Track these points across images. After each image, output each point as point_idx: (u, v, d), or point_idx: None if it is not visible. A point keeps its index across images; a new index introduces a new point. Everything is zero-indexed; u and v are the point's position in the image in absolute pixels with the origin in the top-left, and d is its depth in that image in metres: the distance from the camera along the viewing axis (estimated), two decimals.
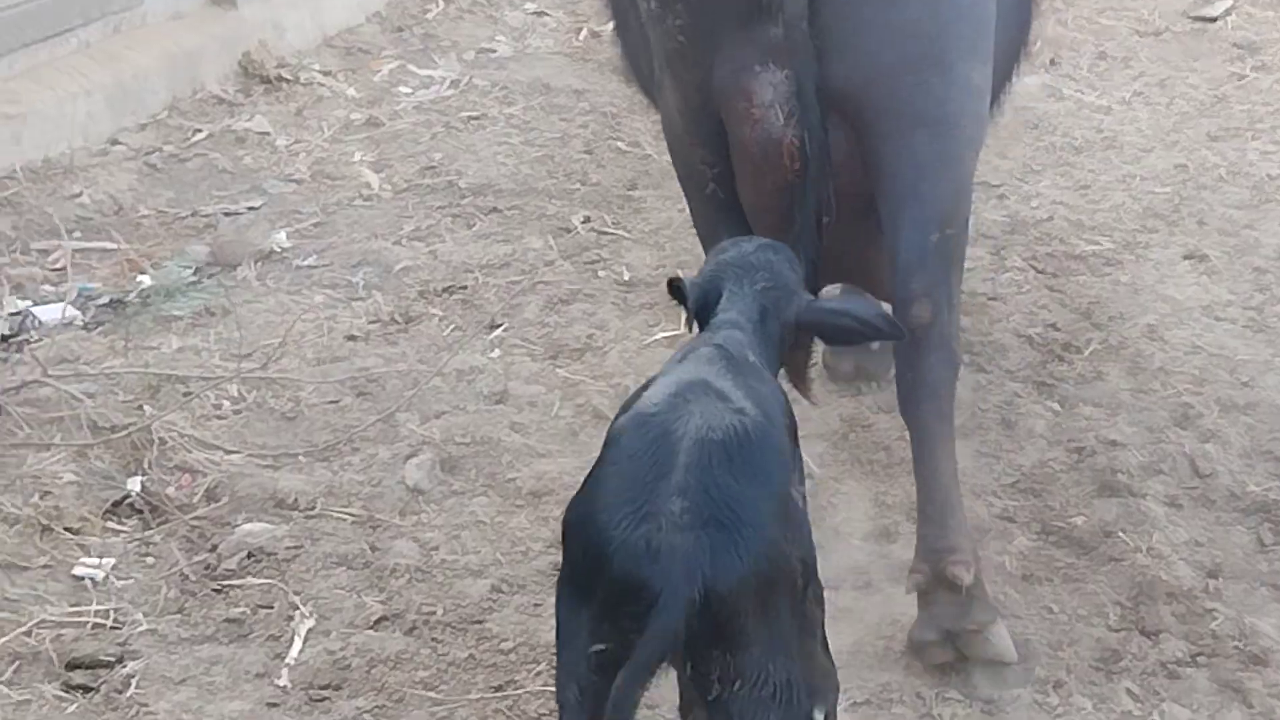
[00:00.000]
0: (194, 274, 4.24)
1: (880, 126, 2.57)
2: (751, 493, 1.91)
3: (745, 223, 2.66)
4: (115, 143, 5.06)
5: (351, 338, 3.96)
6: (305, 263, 4.38)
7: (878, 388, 3.62)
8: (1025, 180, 4.92)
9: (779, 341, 2.31)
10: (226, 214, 4.70)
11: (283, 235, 4.53)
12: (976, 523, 3.04)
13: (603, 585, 1.88)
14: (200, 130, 5.23)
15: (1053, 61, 5.98)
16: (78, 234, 4.52)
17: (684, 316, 2.42)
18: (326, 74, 5.75)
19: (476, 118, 5.42)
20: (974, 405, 3.61)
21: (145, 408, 3.56)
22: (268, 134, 5.25)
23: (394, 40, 6.22)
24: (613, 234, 4.56)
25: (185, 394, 3.62)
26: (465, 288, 4.21)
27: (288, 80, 5.58)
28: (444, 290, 4.21)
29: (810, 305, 2.35)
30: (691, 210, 2.96)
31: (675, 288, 2.27)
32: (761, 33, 2.48)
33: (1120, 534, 3.18)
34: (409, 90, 5.73)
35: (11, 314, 3.95)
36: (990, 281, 4.29)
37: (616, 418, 2.10)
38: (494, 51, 6.18)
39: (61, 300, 4.10)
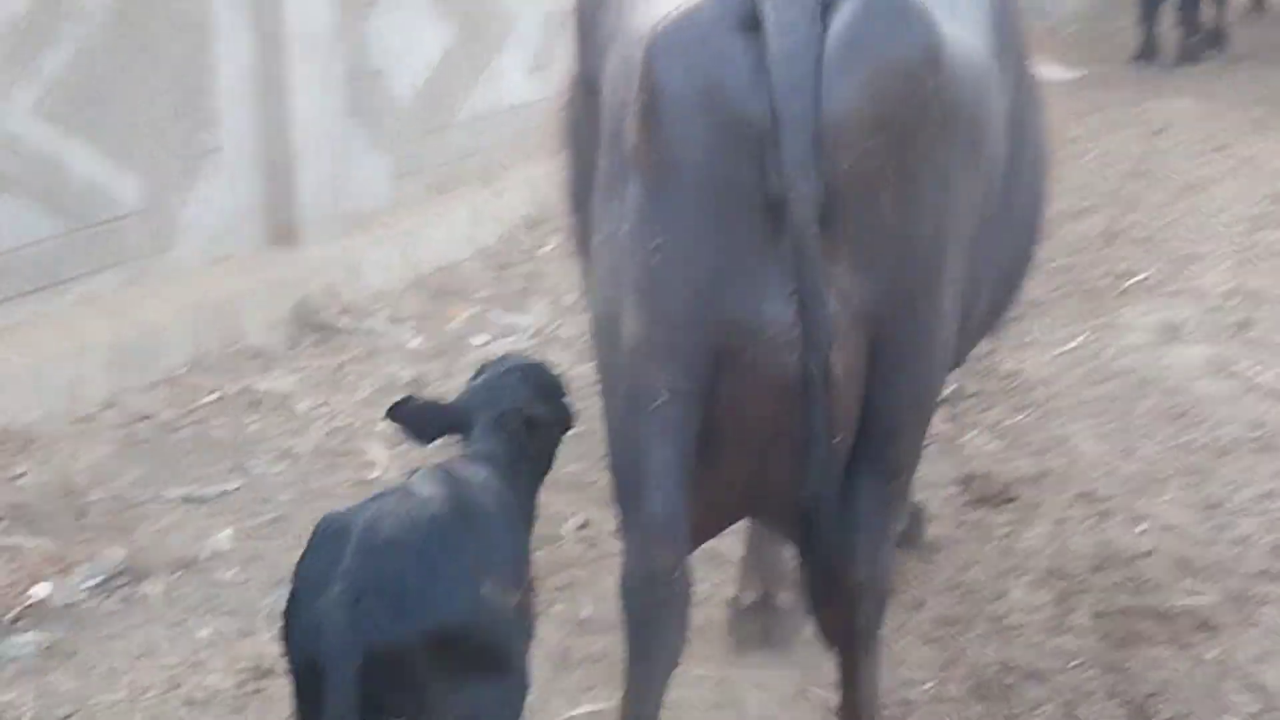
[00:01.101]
0: (99, 585, 3.38)
1: (878, 357, 2.21)
2: (418, 565, 2.04)
3: (682, 443, 2.21)
4: (109, 406, 4.33)
5: (190, 703, 2.96)
6: (226, 576, 3.49)
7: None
8: (1142, 493, 3.87)
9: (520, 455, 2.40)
10: (188, 500, 3.88)
11: (228, 535, 3.66)
12: None
13: (297, 675, 2.07)
14: (215, 392, 4.48)
15: (1242, 326, 4.97)
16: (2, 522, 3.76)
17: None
18: (396, 321, 4.97)
19: None
20: None
21: None
22: (290, 396, 4.48)
23: (493, 280, 5.41)
24: None
25: None
26: None
27: (345, 330, 4.81)
28: None
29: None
30: (611, 420, 2.37)
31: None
32: (767, 247, 2.11)
33: None
34: (482, 341, 4.84)
35: None
36: (1035, 649, 3.17)
37: None
38: None
39: None
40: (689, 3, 2.12)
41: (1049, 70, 9.66)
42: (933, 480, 3.78)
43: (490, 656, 2.12)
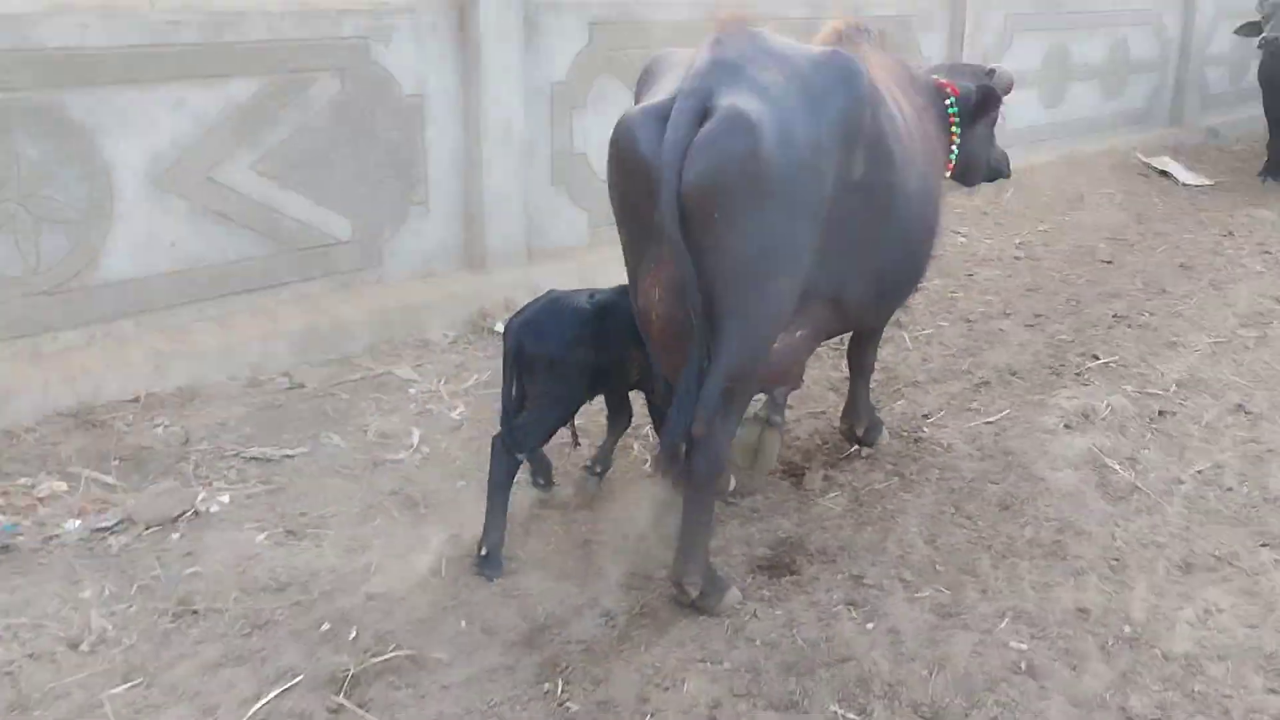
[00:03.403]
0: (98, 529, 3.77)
1: (715, 310, 3.15)
2: (552, 322, 3.81)
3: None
4: (279, 376, 4.99)
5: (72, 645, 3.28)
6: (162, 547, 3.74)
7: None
8: (895, 591, 3.65)
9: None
10: (250, 458, 4.36)
11: (225, 499, 4.06)
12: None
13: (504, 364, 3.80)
14: (371, 370, 5.18)
15: (1158, 416, 5.11)
16: (115, 461, 4.22)
17: None
18: None
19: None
20: None
21: None
22: (415, 380, 5.18)
23: None
24: None
25: None
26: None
27: (499, 333, 5.56)
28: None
29: None
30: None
31: None
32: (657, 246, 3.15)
33: None
34: None
35: None
36: None
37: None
38: None
39: None
40: (646, 102, 3.20)
41: (1183, 176, 10.13)
42: (723, 545, 3.87)
43: (551, 387, 3.66)
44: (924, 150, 3.78)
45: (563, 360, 3.63)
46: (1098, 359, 5.85)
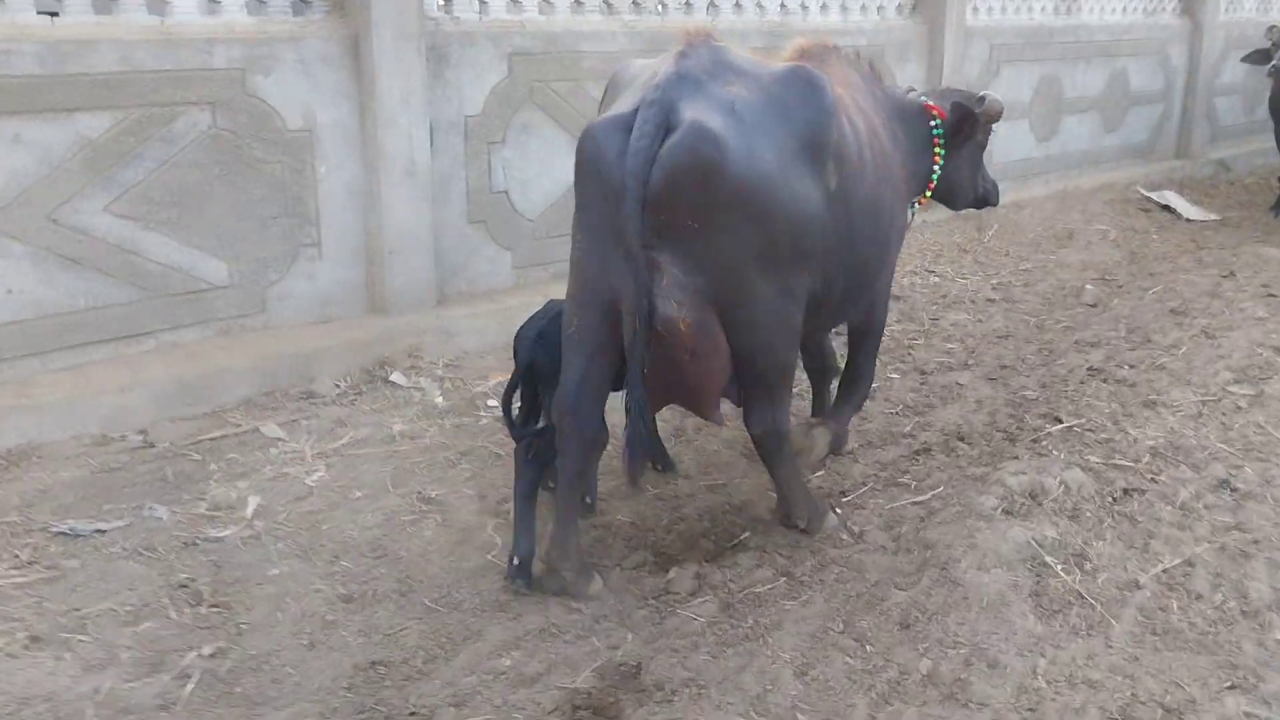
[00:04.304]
0: None
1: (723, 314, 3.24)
2: None
3: (589, 349, 3.33)
4: (131, 434, 4.33)
5: None
6: None
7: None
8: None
9: None
10: (57, 533, 3.66)
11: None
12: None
13: None
14: (239, 426, 4.51)
15: (1122, 496, 4.14)
16: None
17: None
18: (445, 379, 5.16)
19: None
20: None
21: None
22: (280, 439, 4.47)
23: None
24: None
25: None
26: None
27: (396, 385, 5.05)
28: None
29: None
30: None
31: None
32: (619, 252, 3.08)
33: None
34: (492, 404, 4.95)
35: None
36: None
37: None
38: None
39: None
40: (608, 115, 3.11)
41: (1187, 210, 9.19)
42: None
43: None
44: (876, 167, 3.65)
45: None
46: (1060, 422, 4.93)
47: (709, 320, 3.18)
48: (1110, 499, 4.22)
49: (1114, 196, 9.56)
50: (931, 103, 4.24)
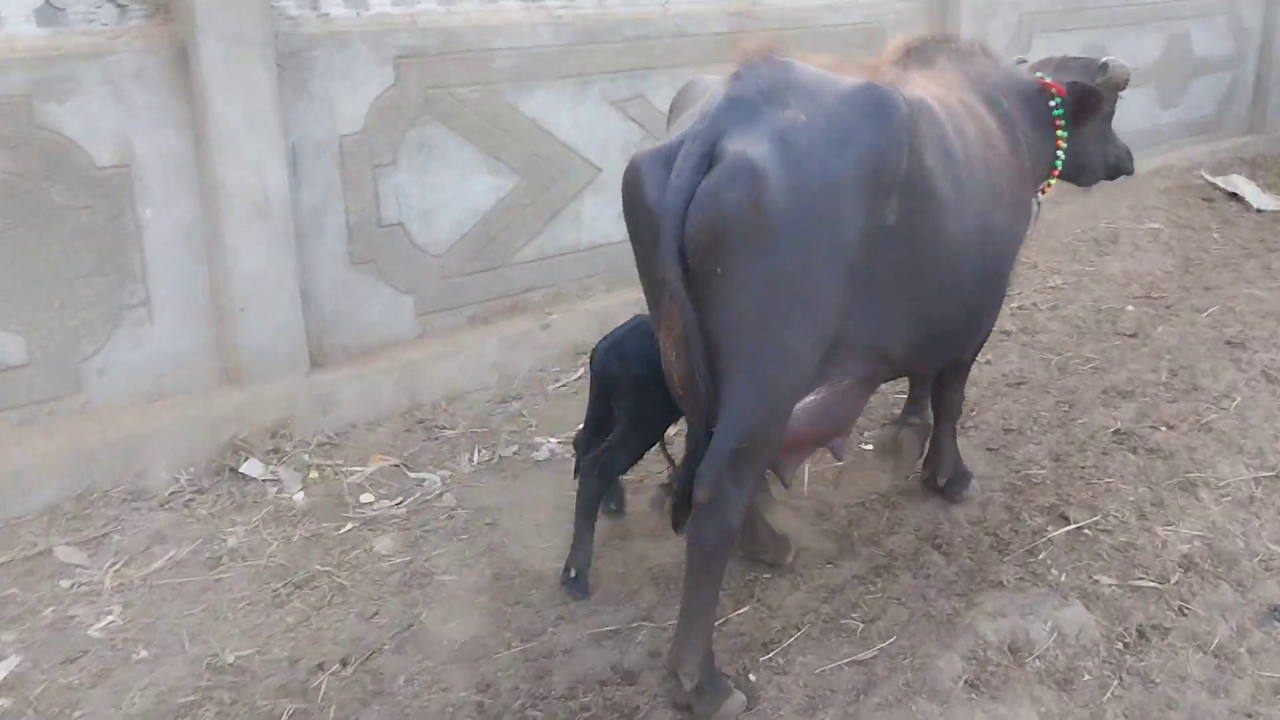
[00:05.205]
0: None
1: (720, 363, 2.88)
2: None
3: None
4: None
5: None
6: None
7: None
8: None
9: None
10: None
11: None
12: None
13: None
14: (34, 545, 3.70)
15: (1137, 641, 3.23)
16: None
17: None
18: (314, 466, 4.30)
19: (358, 567, 3.62)
20: None
21: None
22: (78, 565, 3.64)
23: (484, 417, 4.73)
24: None
25: None
26: None
27: (248, 477, 4.17)
28: None
29: None
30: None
31: None
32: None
33: None
34: (367, 500, 4.11)
35: None
36: None
37: None
38: (536, 450, 4.58)
39: None
40: (655, 146, 2.92)
41: (1257, 199, 7.90)
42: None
43: (638, 410, 3.51)
44: (989, 186, 3.31)
45: (650, 382, 3.28)
46: (1067, 521, 3.85)
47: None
48: (1120, 646, 3.23)
49: (1171, 183, 8.23)
50: (1048, 79, 3.88)
